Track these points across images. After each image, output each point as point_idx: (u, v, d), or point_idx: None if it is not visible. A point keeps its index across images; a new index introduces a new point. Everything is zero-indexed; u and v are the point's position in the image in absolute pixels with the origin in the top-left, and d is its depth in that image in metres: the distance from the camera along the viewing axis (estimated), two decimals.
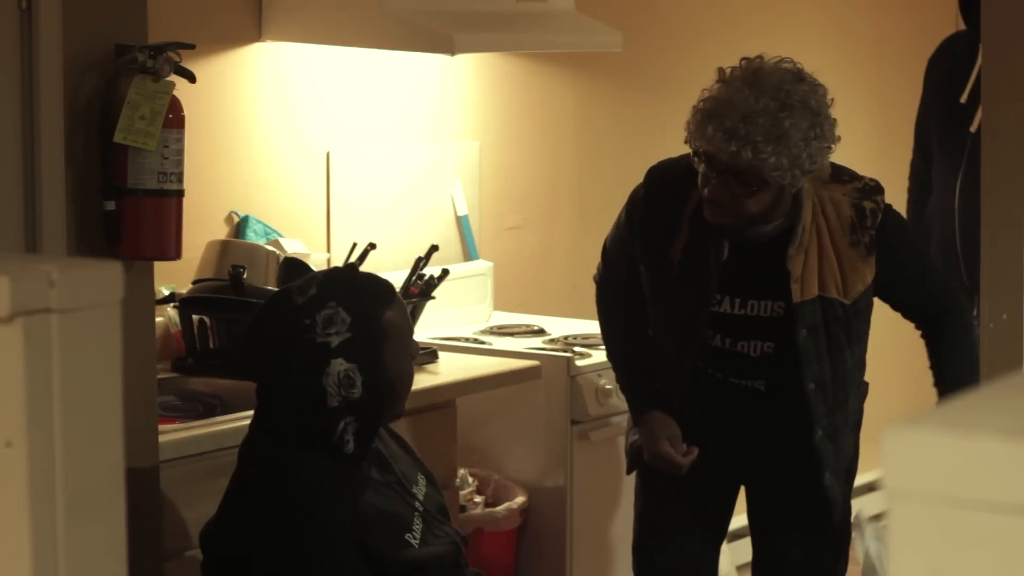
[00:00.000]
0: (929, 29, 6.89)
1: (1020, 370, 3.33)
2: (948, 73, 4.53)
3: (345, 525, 2.94)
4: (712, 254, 3.38)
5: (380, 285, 3.11)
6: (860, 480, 3.89)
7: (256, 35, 4.49)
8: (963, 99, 4.40)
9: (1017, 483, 1.07)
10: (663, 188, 3.48)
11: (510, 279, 5.21)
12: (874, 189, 3.44)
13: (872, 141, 6.47)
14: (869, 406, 3.69)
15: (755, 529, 3.66)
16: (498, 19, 4.60)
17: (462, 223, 5.02)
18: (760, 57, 3.32)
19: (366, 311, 3.00)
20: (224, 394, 3.92)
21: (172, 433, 3.53)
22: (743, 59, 3.33)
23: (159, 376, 3.62)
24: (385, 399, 3.02)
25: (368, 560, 2.96)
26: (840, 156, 3.45)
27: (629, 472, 3.69)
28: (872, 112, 6.55)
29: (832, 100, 3.33)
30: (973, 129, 4.34)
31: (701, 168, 3.30)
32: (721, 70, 3.33)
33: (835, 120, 3.32)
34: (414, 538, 3.04)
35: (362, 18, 4.38)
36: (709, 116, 3.25)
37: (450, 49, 4.35)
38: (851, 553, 3.73)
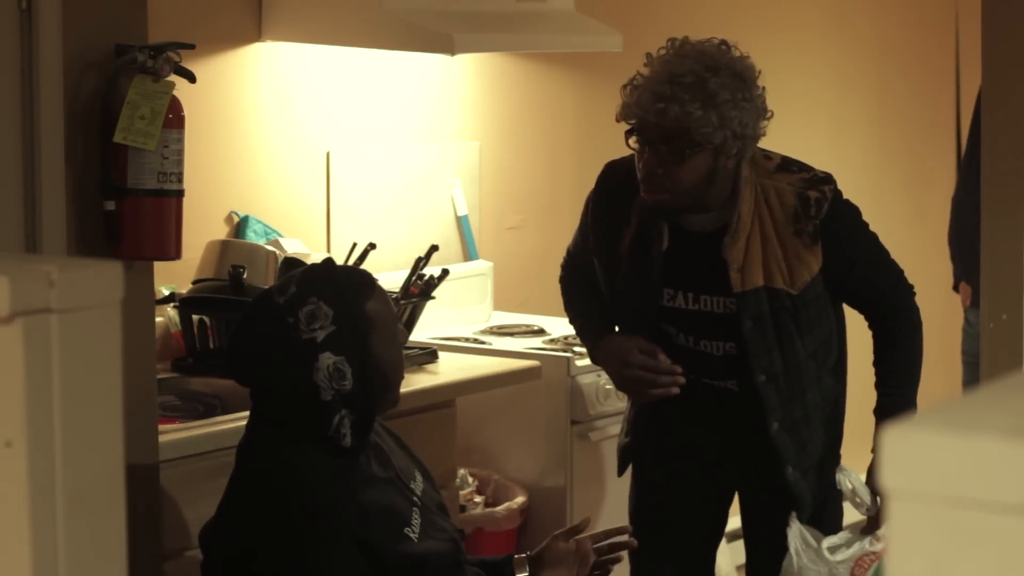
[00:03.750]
0: (929, 28, 6.90)
1: (1020, 370, 3.33)
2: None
3: (344, 520, 2.95)
4: (654, 242, 3.37)
5: (359, 276, 3.12)
6: None
7: (256, 35, 4.49)
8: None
9: (1017, 483, 1.07)
10: (615, 181, 3.50)
11: (510, 279, 5.21)
12: (822, 180, 3.38)
13: (872, 140, 6.47)
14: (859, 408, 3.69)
15: (746, 531, 3.66)
16: (498, 19, 4.60)
17: (462, 223, 5.02)
18: (686, 38, 3.34)
19: (348, 303, 3.01)
20: (224, 394, 3.92)
21: (172, 433, 3.53)
22: (669, 39, 3.34)
23: (159, 376, 3.62)
24: (377, 387, 3.02)
25: (367, 554, 2.96)
26: (840, 154, 3.46)
27: (620, 473, 3.68)
28: (872, 111, 6.55)
29: (760, 73, 3.32)
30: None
31: (633, 143, 3.32)
32: (648, 54, 3.32)
33: (764, 91, 3.30)
34: (413, 532, 3.05)
35: (362, 18, 4.38)
36: (636, 88, 3.27)
37: (450, 49, 4.35)
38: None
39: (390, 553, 2.99)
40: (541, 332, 4.81)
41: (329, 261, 3.18)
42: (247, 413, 3.17)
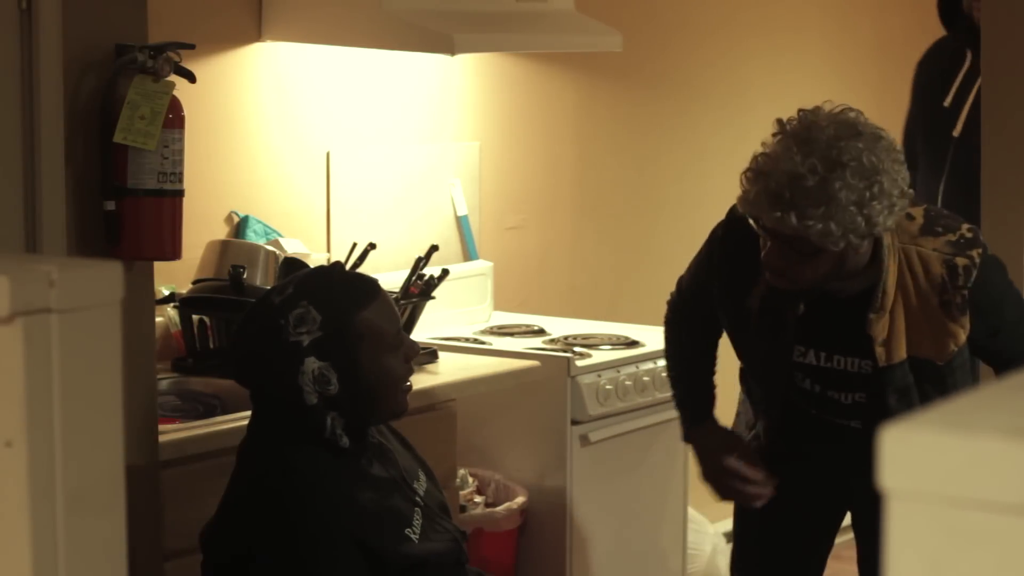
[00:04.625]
0: (930, 29, 6.88)
1: (1020, 370, 3.33)
2: (936, 78, 4.52)
3: (343, 520, 2.95)
4: (789, 308, 3.18)
5: (360, 284, 3.09)
6: None
7: (256, 35, 4.49)
8: (947, 103, 4.38)
9: (1017, 483, 1.07)
10: (741, 231, 3.19)
11: (510, 279, 5.21)
12: (969, 243, 3.12)
13: None
14: None
15: (858, 535, 3.50)
16: (498, 19, 4.60)
17: (462, 223, 5.02)
18: (818, 109, 3.06)
19: (338, 310, 3.00)
20: (224, 394, 3.92)
21: (172, 433, 3.53)
22: (800, 111, 3.06)
23: (159, 376, 3.62)
24: (364, 398, 3.01)
25: (367, 554, 2.96)
26: None
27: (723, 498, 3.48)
28: (872, 111, 6.54)
29: (895, 147, 3.03)
30: (956, 133, 4.32)
31: (756, 227, 3.07)
32: (779, 121, 3.04)
33: (902, 171, 3.01)
34: (414, 533, 3.05)
35: (362, 18, 4.38)
36: (756, 176, 2.99)
37: (450, 49, 4.35)
38: None
39: (390, 553, 2.99)
40: (541, 332, 4.81)
41: (335, 266, 3.18)
42: (247, 413, 3.17)
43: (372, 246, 4.25)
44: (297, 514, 2.93)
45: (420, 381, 4.12)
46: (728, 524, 5.62)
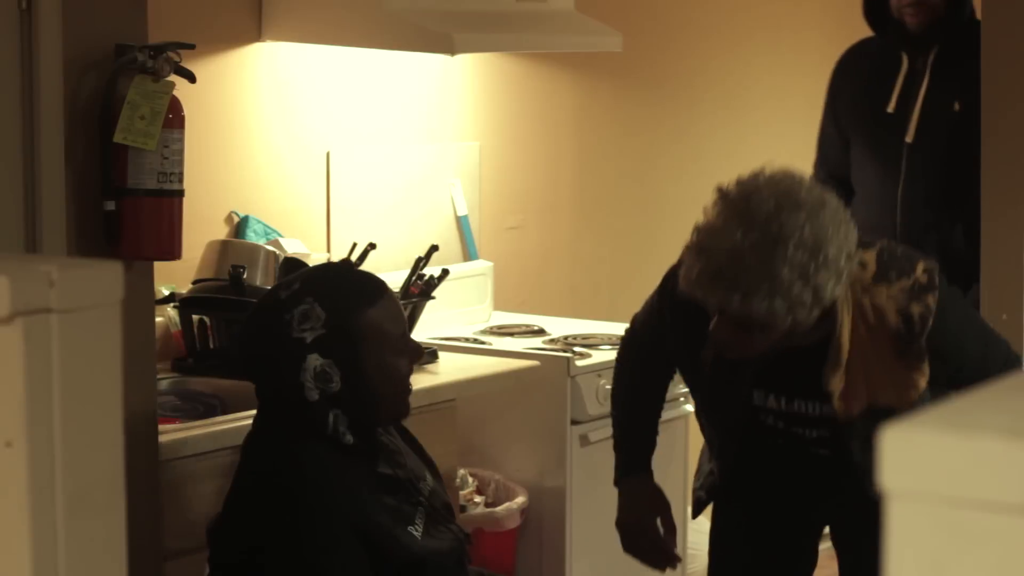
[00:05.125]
0: None
1: (1020, 370, 3.33)
2: (871, 82, 4.41)
3: (347, 513, 2.95)
4: (743, 364, 3.08)
5: (367, 284, 3.08)
6: None
7: (256, 35, 4.49)
8: (890, 109, 4.29)
9: (1017, 483, 1.07)
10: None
11: (510, 279, 5.21)
12: (925, 288, 2.98)
13: None
14: None
15: (838, 548, 3.43)
16: (498, 19, 4.60)
17: (462, 223, 5.02)
18: (758, 175, 2.88)
19: (343, 309, 3.00)
20: (224, 394, 3.92)
21: (172, 433, 3.53)
22: (739, 178, 2.89)
23: (159, 376, 3.62)
24: (367, 397, 3.01)
25: (368, 549, 2.96)
26: None
27: (696, 515, 3.47)
28: None
29: (840, 210, 2.87)
30: (909, 140, 4.24)
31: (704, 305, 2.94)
32: (719, 189, 2.88)
33: (850, 232, 2.86)
34: (416, 531, 3.05)
35: (362, 18, 4.38)
36: (698, 253, 2.85)
37: (450, 49, 4.35)
38: None
39: (392, 547, 2.99)
40: (541, 332, 4.81)
41: (343, 264, 3.19)
42: (247, 413, 3.18)
43: (372, 246, 4.25)
44: (303, 508, 2.94)
45: (420, 381, 4.12)
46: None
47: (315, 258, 4.38)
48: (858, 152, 4.40)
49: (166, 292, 4.08)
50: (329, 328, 2.97)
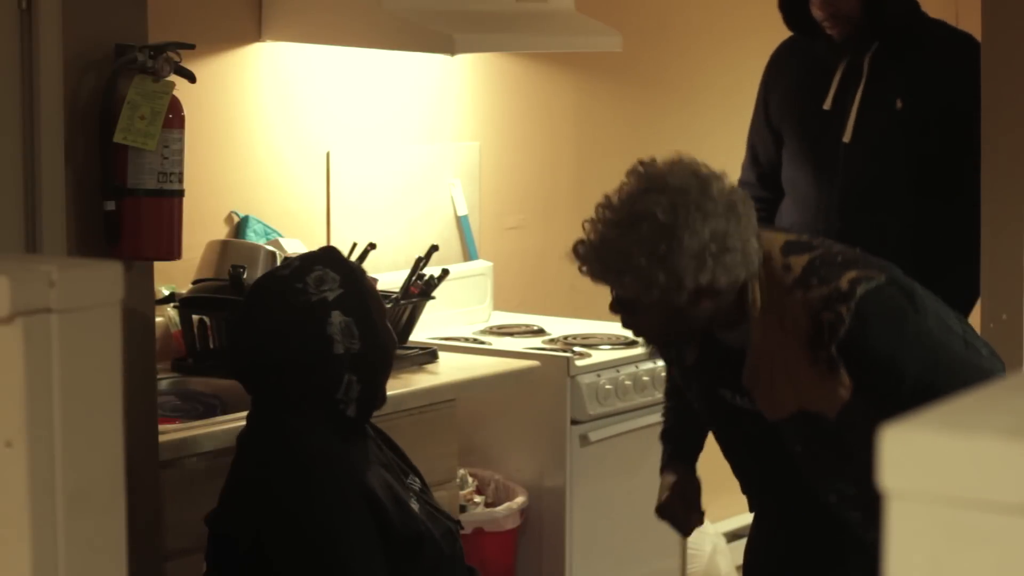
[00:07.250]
0: None
1: (1020, 370, 3.33)
2: (804, 80, 4.23)
3: (355, 483, 3.00)
4: (686, 355, 3.15)
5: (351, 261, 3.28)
6: None
7: (256, 35, 4.49)
8: (827, 106, 4.13)
9: (1017, 483, 1.07)
10: None
11: (510, 279, 5.21)
12: (842, 296, 2.90)
13: None
14: None
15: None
16: (498, 19, 4.60)
17: (462, 223, 5.02)
18: (654, 161, 2.94)
19: (352, 271, 3.14)
20: (224, 394, 3.92)
21: (172, 433, 3.53)
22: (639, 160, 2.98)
23: (159, 376, 3.62)
24: (382, 358, 3.10)
25: (377, 522, 3.00)
26: None
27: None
28: None
29: (719, 201, 2.86)
30: (847, 139, 4.07)
31: None
32: (607, 197, 2.98)
33: (717, 224, 2.84)
34: (414, 508, 3.10)
35: (362, 18, 4.38)
36: (585, 226, 2.99)
37: (450, 49, 4.35)
38: None
39: (398, 518, 3.03)
40: (541, 332, 4.81)
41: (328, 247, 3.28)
42: (246, 413, 3.18)
43: (372, 246, 4.25)
44: (314, 480, 2.98)
45: (420, 381, 4.12)
46: (728, 524, 5.63)
47: None
48: (791, 151, 4.19)
49: (166, 292, 4.08)
50: (345, 288, 3.07)
